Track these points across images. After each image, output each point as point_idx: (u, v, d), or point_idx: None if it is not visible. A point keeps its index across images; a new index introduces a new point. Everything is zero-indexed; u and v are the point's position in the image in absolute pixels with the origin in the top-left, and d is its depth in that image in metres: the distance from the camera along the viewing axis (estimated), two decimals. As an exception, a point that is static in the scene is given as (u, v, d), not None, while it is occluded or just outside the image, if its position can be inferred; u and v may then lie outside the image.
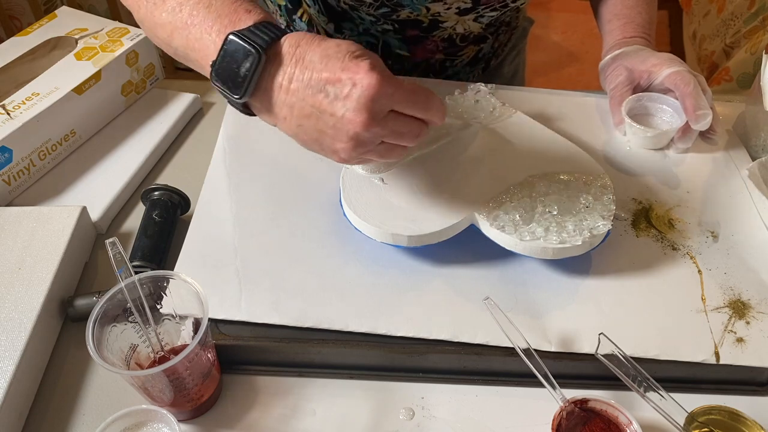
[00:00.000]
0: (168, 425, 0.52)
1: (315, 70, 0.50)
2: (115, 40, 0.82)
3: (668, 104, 0.78)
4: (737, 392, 0.60)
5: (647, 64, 0.78)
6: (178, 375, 0.52)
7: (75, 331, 0.63)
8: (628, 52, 0.81)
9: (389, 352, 0.58)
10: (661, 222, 0.69)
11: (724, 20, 1.70)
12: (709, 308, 0.62)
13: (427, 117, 0.54)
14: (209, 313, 0.52)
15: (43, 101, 0.73)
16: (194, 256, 0.64)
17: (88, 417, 0.57)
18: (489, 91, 0.75)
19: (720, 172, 0.75)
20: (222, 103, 0.84)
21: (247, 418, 0.57)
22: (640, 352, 0.58)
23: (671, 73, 0.76)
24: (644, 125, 0.76)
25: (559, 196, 0.64)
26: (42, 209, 0.67)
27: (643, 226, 0.69)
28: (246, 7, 0.54)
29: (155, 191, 0.70)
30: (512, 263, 0.64)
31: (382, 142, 0.53)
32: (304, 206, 0.68)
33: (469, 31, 0.86)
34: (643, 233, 0.68)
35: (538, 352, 0.56)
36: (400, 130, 0.53)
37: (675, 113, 0.77)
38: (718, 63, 1.69)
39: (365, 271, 0.63)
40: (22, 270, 0.62)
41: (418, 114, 0.53)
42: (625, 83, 0.79)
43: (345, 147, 0.52)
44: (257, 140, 0.75)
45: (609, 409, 0.55)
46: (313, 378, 0.60)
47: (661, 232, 0.68)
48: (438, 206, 0.63)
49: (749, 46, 1.56)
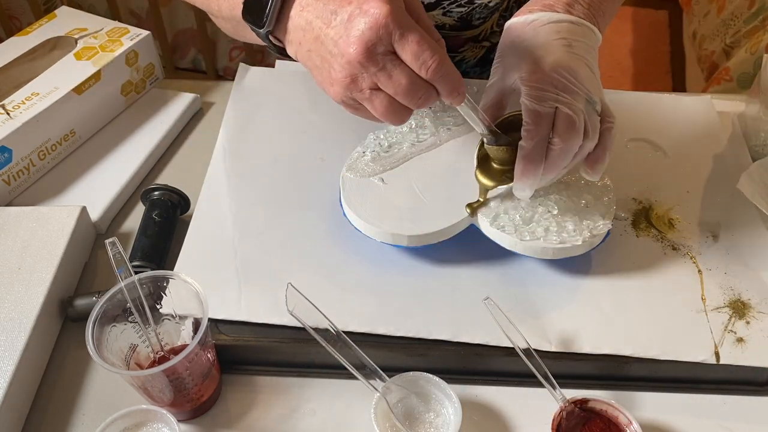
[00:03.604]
0: (168, 425, 0.52)
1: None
2: (114, 40, 0.81)
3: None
4: (737, 392, 0.60)
5: (519, 70, 0.58)
6: (177, 375, 0.52)
7: (75, 331, 0.63)
8: (520, 33, 0.60)
9: (389, 352, 0.58)
10: (661, 222, 0.69)
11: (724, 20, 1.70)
12: (709, 308, 0.62)
13: (432, 79, 0.49)
14: (209, 313, 0.52)
15: (43, 101, 0.73)
16: (194, 256, 0.64)
17: (88, 417, 0.57)
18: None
19: (720, 172, 0.75)
20: (222, 103, 0.84)
21: (247, 418, 0.57)
22: (640, 352, 0.58)
23: (524, 109, 0.57)
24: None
25: (559, 196, 0.63)
26: (42, 209, 0.67)
27: (643, 226, 0.69)
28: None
29: (155, 191, 0.70)
30: (512, 263, 0.64)
31: (378, 89, 0.50)
32: (304, 206, 0.68)
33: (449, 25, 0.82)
34: (643, 233, 0.68)
35: (538, 352, 0.56)
36: (399, 79, 0.49)
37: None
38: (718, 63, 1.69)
39: (365, 271, 0.63)
40: (22, 270, 0.62)
41: (420, 69, 0.49)
42: (496, 90, 0.61)
43: (339, 78, 0.50)
44: (257, 140, 0.75)
45: (609, 409, 0.55)
46: (313, 378, 0.60)
47: (661, 232, 0.68)
48: (438, 206, 0.63)
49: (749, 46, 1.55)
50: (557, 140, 0.55)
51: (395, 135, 0.69)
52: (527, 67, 0.57)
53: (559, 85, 0.56)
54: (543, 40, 0.58)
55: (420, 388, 0.56)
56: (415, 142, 0.69)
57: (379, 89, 0.50)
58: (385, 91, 0.50)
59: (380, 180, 0.65)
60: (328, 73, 0.51)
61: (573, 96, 0.56)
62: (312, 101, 0.80)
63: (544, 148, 0.56)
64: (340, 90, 0.51)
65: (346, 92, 0.51)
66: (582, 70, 0.57)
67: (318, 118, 0.78)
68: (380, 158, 0.67)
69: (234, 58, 1.84)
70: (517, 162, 0.57)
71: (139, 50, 0.82)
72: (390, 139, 0.69)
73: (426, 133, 0.70)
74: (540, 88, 0.56)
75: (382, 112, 0.51)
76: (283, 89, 0.81)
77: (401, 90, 0.49)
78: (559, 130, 0.55)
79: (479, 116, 0.57)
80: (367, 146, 0.68)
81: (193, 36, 1.80)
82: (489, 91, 0.61)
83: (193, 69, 1.89)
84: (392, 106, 0.51)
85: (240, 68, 0.83)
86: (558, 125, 0.55)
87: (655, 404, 0.58)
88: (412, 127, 0.70)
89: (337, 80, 0.50)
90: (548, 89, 0.56)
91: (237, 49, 1.83)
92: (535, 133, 0.55)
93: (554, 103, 0.55)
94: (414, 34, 0.48)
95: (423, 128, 0.70)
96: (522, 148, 0.56)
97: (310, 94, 0.81)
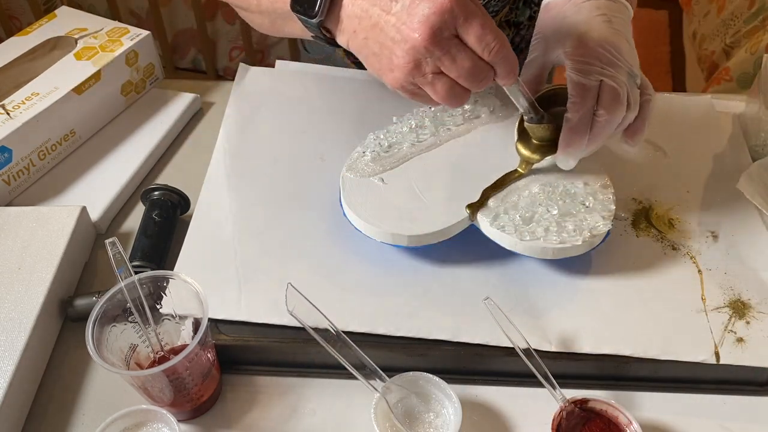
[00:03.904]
0: (168, 425, 0.52)
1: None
2: (114, 40, 0.81)
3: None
4: (737, 392, 0.60)
5: (563, 46, 0.61)
6: (177, 375, 0.52)
7: (75, 331, 0.63)
8: (562, 12, 0.63)
9: (389, 352, 0.58)
10: (661, 222, 0.69)
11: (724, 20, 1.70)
12: (709, 308, 0.62)
13: (493, 61, 0.51)
14: (209, 313, 0.52)
15: (43, 101, 0.73)
16: (194, 256, 0.64)
17: (88, 417, 0.57)
18: (489, 90, 0.75)
19: (720, 172, 0.75)
20: (222, 103, 0.84)
21: (247, 418, 0.57)
22: (640, 352, 0.58)
23: (569, 82, 0.59)
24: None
25: (559, 196, 0.63)
26: (42, 209, 0.67)
27: (643, 226, 0.69)
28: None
29: (155, 191, 0.70)
30: (512, 263, 0.64)
31: (440, 73, 0.51)
32: (304, 206, 0.68)
33: None
34: (643, 233, 0.68)
35: (538, 352, 0.56)
36: (462, 62, 0.50)
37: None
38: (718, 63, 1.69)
39: (365, 271, 0.63)
40: (22, 270, 0.62)
41: (484, 51, 0.50)
42: (538, 65, 0.64)
43: (401, 64, 0.50)
44: (257, 140, 0.75)
45: (609, 409, 0.55)
46: (313, 378, 0.60)
47: (661, 232, 0.68)
48: (438, 206, 0.63)
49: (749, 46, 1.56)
50: (603, 112, 0.58)
51: (395, 135, 0.69)
52: (572, 42, 0.59)
53: (603, 59, 0.58)
54: (585, 17, 0.61)
55: (420, 388, 0.56)
56: (415, 142, 0.69)
57: (441, 73, 0.51)
58: (448, 74, 0.51)
59: (380, 180, 0.65)
60: (388, 59, 0.51)
61: (616, 69, 0.58)
62: (312, 101, 0.80)
63: (590, 119, 0.58)
64: (401, 75, 0.51)
65: (408, 77, 0.51)
66: (623, 45, 0.60)
67: (318, 118, 0.78)
68: (380, 158, 0.67)
69: (234, 58, 1.84)
70: (563, 133, 0.59)
71: (139, 50, 0.82)
72: (390, 139, 0.69)
73: (426, 133, 0.70)
74: (586, 62, 0.58)
75: (443, 95, 0.52)
76: (283, 89, 0.81)
77: (464, 73, 0.50)
78: (604, 102, 0.58)
79: (524, 94, 0.58)
80: (367, 146, 0.68)
81: (193, 36, 1.80)
82: (530, 66, 0.64)
83: (193, 69, 1.89)
84: (454, 89, 0.52)
85: (240, 68, 0.83)
86: (603, 97, 0.58)
87: (655, 404, 0.58)
88: (412, 127, 0.70)
89: (398, 66, 0.51)
90: (593, 63, 0.58)
91: (237, 49, 1.83)
92: (581, 106, 0.58)
93: (599, 76, 0.58)
94: (478, 17, 0.49)
95: (423, 128, 0.70)
96: (568, 120, 0.58)
97: (310, 94, 0.81)
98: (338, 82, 0.83)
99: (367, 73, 0.85)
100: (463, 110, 0.73)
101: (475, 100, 0.74)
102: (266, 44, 1.80)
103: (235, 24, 1.74)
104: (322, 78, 0.83)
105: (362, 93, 0.81)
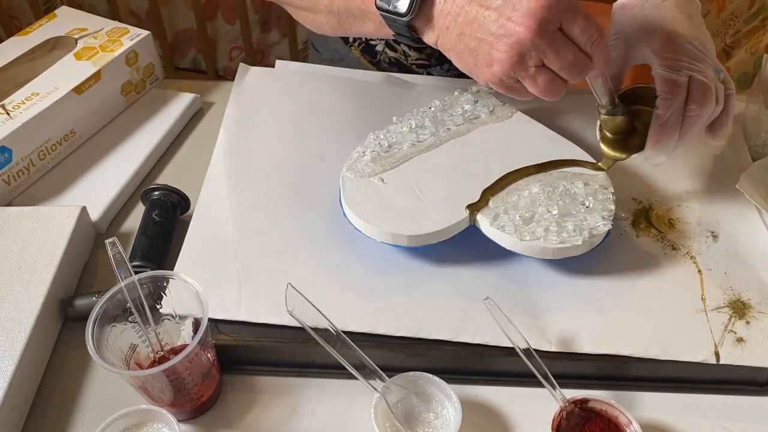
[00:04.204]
0: (168, 425, 0.52)
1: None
2: (114, 39, 0.81)
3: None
4: (737, 392, 0.60)
5: (649, 44, 0.61)
6: (177, 375, 0.52)
7: (75, 331, 0.63)
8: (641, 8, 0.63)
9: (389, 352, 0.58)
10: (661, 222, 0.69)
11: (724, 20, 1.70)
12: (709, 308, 0.62)
13: (593, 52, 0.51)
14: (209, 313, 0.52)
15: (43, 101, 0.73)
16: (194, 256, 0.64)
17: (88, 417, 0.57)
18: (489, 90, 0.75)
19: (720, 172, 0.75)
20: (222, 103, 0.84)
21: (247, 418, 0.57)
22: (640, 352, 0.58)
23: (658, 78, 0.60)
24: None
25: (559, 196, 0.63)
26: (42, 209, 0.67)
27: (643, 226, 0.69)
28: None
29: (155, 191, 0.70)
30: (512, 263, 0.64)
31: (542, 66, 0.51)
32: (304, 206, 0.68)
33: None
34: (643, 233, 0.68)
35: (538, 352, 0.56)
36: (565, 54, 0.50)
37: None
38: (718, 63, 1.69)
39: (365, 271, 0.63)
40: (22, 270, 0.62)
41: (587, 43, 0.51)
42: (619, 63, 0.64)
43: (503, 58, 0.51)
44: (257, 140, 0.75)
45: (609, 409, 0.55)
46: (313, 378, 0.60)
47: (661, 232, 0.68)
48: (438, 206, 0.63)
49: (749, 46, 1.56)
50: (695, 106, 0.59)
51: (395, 135, 0.69)
52: (660, 40, 0.60)
53: (692, 56, 0.59)
54: (669, 15, 0.62)
55: (420, 388, 0.56)
56: (415, 142, 0.69)
57: (542, 66, 0.51)
58: (550, 67, 0.51)
59: (380, 180, 0.65)
60: (486, 54, 0.51)
61: (704, 65, 0.60)
62: (312, 101, 0.80)
63: (680, 115, 0.59)
64: (500, 70, 0.52)
65: (509, 72, 0.52)
66: (708, 41, 0.61)
67: (318, 118, 0.78)
68: (380, 158, 0.67)
69: (234, 58, 1.84)
70: (653, 129, 0.60)
71: (139, 50, 0.82)
72: (390, 139, 0.69)
73: (426, 133, 0.70)
74: (675, 58, 0.59)
75: (544, 88, 0.53)
76: (283, 89, 0.81)
77: (566, 65, 0.51)
78: (696, 96, 0.59)
79: (607, 87, 0.60)
80: (367, 146, 0.68)
81: (193, 36, 1.80)
82: (610, 65, 0.63)
83: (193, 69, 1.89)
84: (554, 82, 0.52)
85: (240, 68, 0.83)
86: (694, 92, 0.59)
87: (655, 404, 0.58)
88: (412, 127, 0.70)
89: (500, 60, 0.51)
90: (683, 59, 0.59)
91: (237, 49, 1.83)
92: (672, 101, 0.59)
93: (689, 72, 0.59)
94: (581, 9, 0.49)
95: (423, 128, 0.70)
96: (658, 116, 0.59)
97: (310, 94, 0.81)
98: (338, 82, 0.83)
99: (368, 73, 0.85)
100: (463, 110, 0.73)
101: (475, 100, 0.74)
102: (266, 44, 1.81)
103: (235, 24, 1.74)
104: (322, 78, 0.83)
105: (362, 93, 0.81)
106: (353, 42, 0.93)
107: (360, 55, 0.94)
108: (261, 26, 1.77)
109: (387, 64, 0.93)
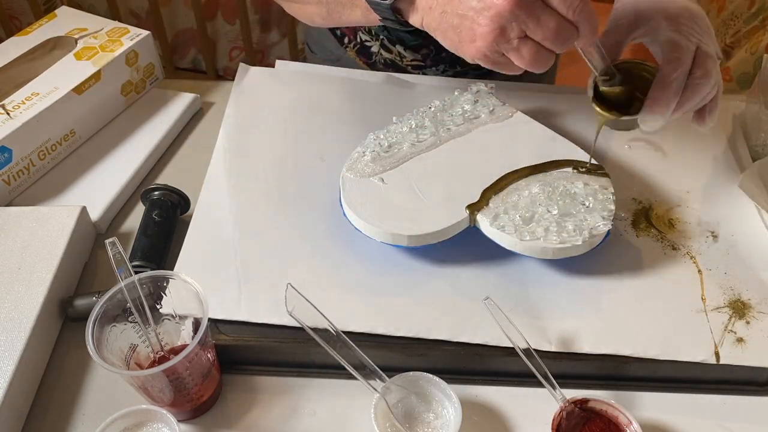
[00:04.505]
0: (168, 425, 0.52)
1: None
2: (114, 39, 0.81)
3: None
4: (737, 392, 0.60)
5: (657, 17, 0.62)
6: (177, 375, 0.52)
7: (75, 331, 0.63)
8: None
9: (389, 352, 0.58)
10: (661, 222, 0.69)
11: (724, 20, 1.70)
12: (709, 308, 0.62)
13: (577, 20, 0.51)
14: (209, 313, 0.52)
15: (43, 101, 0.73)
16: (194, 256, 0.64)
17: (88, 417, 0.57)
18: (489, 90, 0.75)
19: (720, 172, 0.75)
20: (222, 103, 0.84)
21: (247, 418, 0.57)
22: (640, 352, 0.58)
23: (666, 41, 0.60)
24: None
25: (559, 196, 0.63)
26: (42, 209, 0.67)
27: (643, 226, 0.69)
28: None
29: (155, 191, 0.70)
30: (512, 263, 0.64)
31: (525, 37, 0.51)
32: (304, 206, 0.68)
33: None
34: (643, 233, 0.68)
35: (538, 352, 0.56)
36: (547, 23, 0.50)
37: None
38: (718, 63, 1.69)
39: (365, 271, 0.63)
40: (22, 270, 0.62)
41: (568, 11, 0.50)
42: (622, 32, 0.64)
43: (485, 32, 0.50)
44: (257, 140, 0.75)
45: (609, 409, 0.55)
46: (313, 378, 0.60)
47: (661, 232, 0.68)
48: (438, 206, 0.63)
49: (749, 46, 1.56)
50: (700, 73, 0.59)
51: (395, 135, 0.69)
52: (674, 9, 0.61)
53: (702, 30, 0.61)
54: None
55: (420, 388, 0.56)
56: (415, 142, 0.69)
57: (525, 37, 0.51)
58: (533, 38, 0.51)
59: (380, 180, 0.65)
60: (469, 29, 0.51)
61: (711, 42, 0.61)
62: (312, 101, 0.80)
63: (684, 81, 0.59)
64: (484, 44, 0.51)
65: (493, 45, 0.51)
66: (711, 26, 0.63)
67: (318, 118, 0.78)
68: (380, 158, 0.67)
69: (234, 58, 1.84)
70: (655, 90, 0.59)
71: (139, 50, 0.82)
72: (390, 139, 0.69)
73: (426, 133, 0.70)
74: (686, 25, 0.60)
75: (529, 59, 0.52)
76: (283, 89, 0.81)
77: (550, 34, 0.51)
78: (701, 64, 0.59)
79: (602, 55, 0.59)
80: (367, 146, 0.68)
81: (193, 36, 1.80)
82: (613, 34, 0.64)
83: (193, 69, 1.90)
84: (539, 52, 0.52)
85: (240, 68, 0.83)
86: (700, 60, 0.59)
87: (655, 404, 0.58)
88: (412, 127, 0.70)
89: (482, 34, 0.51)
90: (693, 28, 0.60)
91: (237, 49, 1.83)
92: (678, 65, 0.58)
93: (697, 41, 0.60)
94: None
95: (423, 128, 0.70)
96: (663, 77, 0.59)
97: (311, 94, 0.81)
98: (338, 82, 0.83)
99: (367, 73, 0.85)
100: (463, 110, 0.73)
101: (475, 100, 0.74)
102: (266, 44, 1.81)
103: (235, 24, 1.74)
104: (322, 78, 0.83)
105: (362, 93, 0.81)
106: (348, 43, 0.93)
107: (355, 56, 0.94)
108: (261, 26, 1.77)
109: (382, 65, 0.93)
